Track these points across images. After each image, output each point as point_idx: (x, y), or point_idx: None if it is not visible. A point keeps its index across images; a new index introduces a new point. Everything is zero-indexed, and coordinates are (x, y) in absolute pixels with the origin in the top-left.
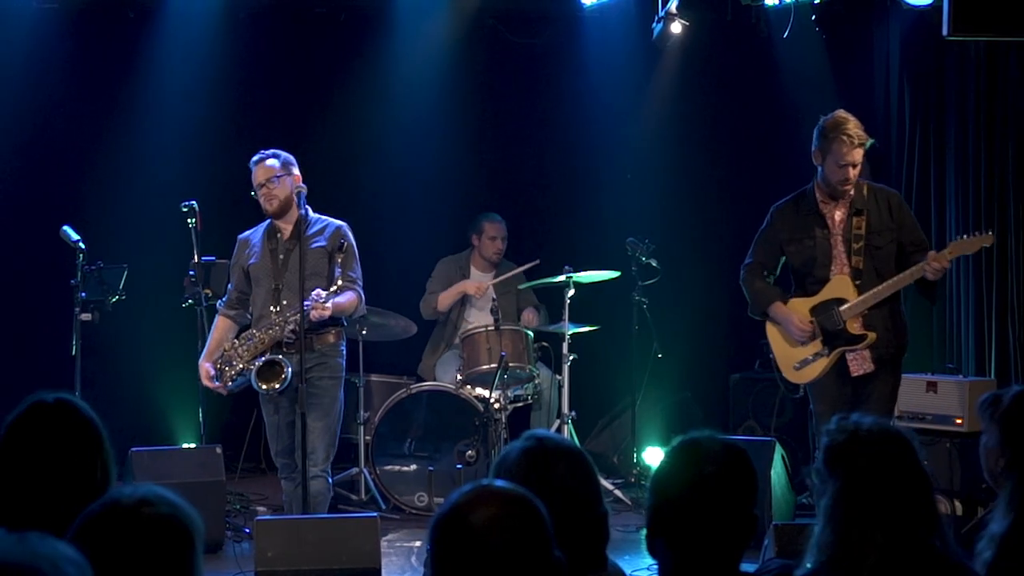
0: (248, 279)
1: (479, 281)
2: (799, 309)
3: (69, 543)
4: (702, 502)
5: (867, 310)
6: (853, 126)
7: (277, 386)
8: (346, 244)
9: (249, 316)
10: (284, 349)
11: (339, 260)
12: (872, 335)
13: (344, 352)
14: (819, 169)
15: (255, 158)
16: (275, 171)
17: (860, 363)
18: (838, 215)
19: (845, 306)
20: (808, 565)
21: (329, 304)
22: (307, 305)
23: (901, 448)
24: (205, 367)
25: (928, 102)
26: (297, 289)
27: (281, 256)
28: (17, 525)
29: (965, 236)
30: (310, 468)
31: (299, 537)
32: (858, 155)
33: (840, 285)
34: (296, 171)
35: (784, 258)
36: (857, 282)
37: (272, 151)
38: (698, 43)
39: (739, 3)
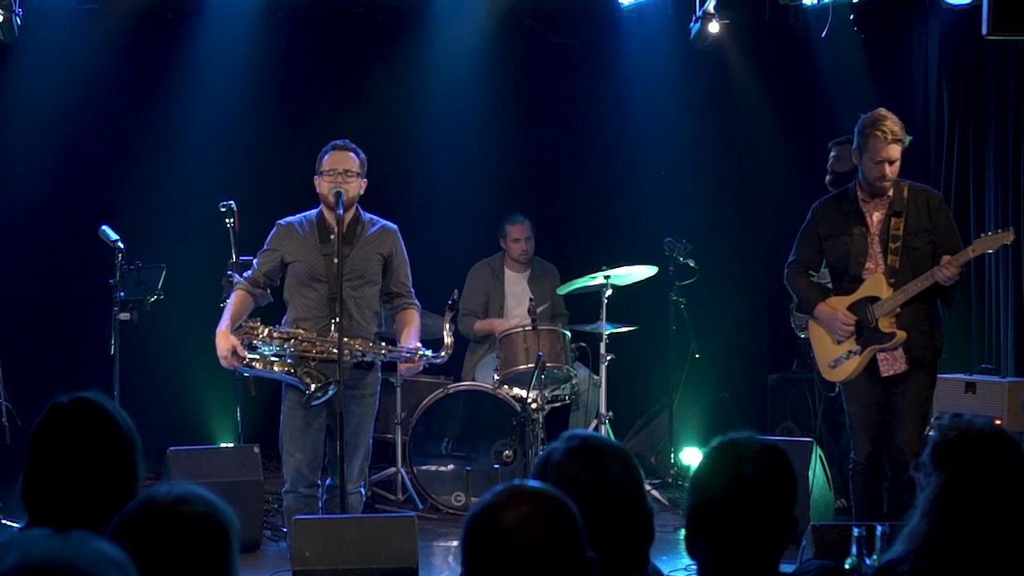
0: (283, 268)
1: (504, 321)
2: (838, 307)
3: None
4: (741, 503)
5: (900, 310)
6: (890, 123)
7: (319, 396)
8: (401, 252)
9: (271, 299)
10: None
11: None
12: (902, 334)
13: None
14: (859, 167)
15: (338, 142)
16: (355, 166)
17: (891, 363)
18: (877, 215)
19: (876, 304)
20: (896, 550)
21: (422, 363)
22: (400, 355)
23: (1009, 449)
24: (232, 340)
25: (967, 101)
26: (360, 318)
27: (336, 260)
28: (55, 527)
29: (988, 233)
30: (348, 485)
31: (337, 537)
32: (894, 151)
33: (875, 284)
34: (364, 179)
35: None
36: (891, 281)
37: (355, 146)
38: (736, 42)
39: (777, 2)
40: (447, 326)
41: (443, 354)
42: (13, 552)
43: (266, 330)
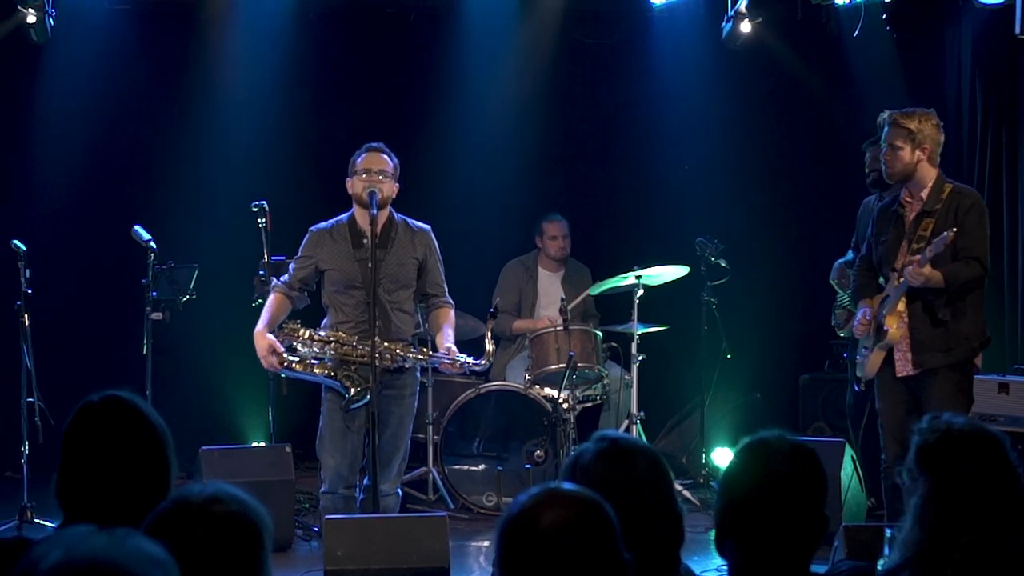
0: (318, 275)
1: (537, 320)
2: (873, 304)
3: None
4: (772, 503)
5: (905, 310)
6: (894, 114)
7: (358, 399)
8: (435, 254)
9: (308, 301)
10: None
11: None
12: (894, 334)
13: None
14: None
15: (372, 144)
16: (388, 168)
17: (903, 364)
18: (912, 215)
19: (883, 303)
20: (881, 564)
21: (463, 368)
22: (441, 361)
23: (993, 448)
24: (270, 340)
25: (1000, 101)
26: (397, 321)
27: (370, 265)
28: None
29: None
30: (384, 486)
31: (368, 536)
32: (892, 135)
33: (894, 283)
34: (397, 183)
35: None
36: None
37: (388, 149)
38: (768, 42)
39: (809, 2)
40: (489, 335)
41: (483, 361)
42: (58, 549)
43: (307, 332)
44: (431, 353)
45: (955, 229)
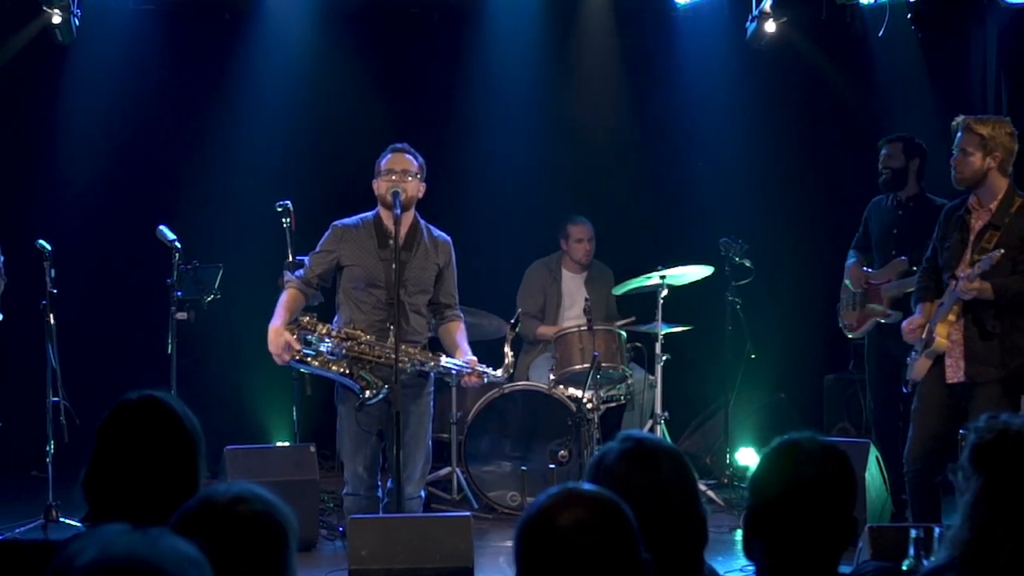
0: (335, 270)
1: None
2: (930, 309)
3: None
4: (801, 504)
5: (957, 320)
6: (968, 119)
7: (372, 398)
8: (452, 264)
9: (321, 298)
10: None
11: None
12: (941, 342)
13: None
14: None
15: (396, 145)
16: (413, 168)
17: (954, 371)
18: (979, 224)
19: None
20: (940, 557)
21: (483, 378)
22: (461, 370)
23: None
24: (286, 336)
25: None
26: (416, 324)
27: (394, 266)
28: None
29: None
30: (408, 488)
31: (393, 536)
32: (964, 140)
33: (951, 291)
34: (423, 183)
35: None
36: None
37: (413, 149)
38: (792, 42)
39: (834, 2)
40: (507, 345)
41: (500, 372)
42: (92, 547)
43: (325, 328)
44: (451, 360)
45: (1002, 251)
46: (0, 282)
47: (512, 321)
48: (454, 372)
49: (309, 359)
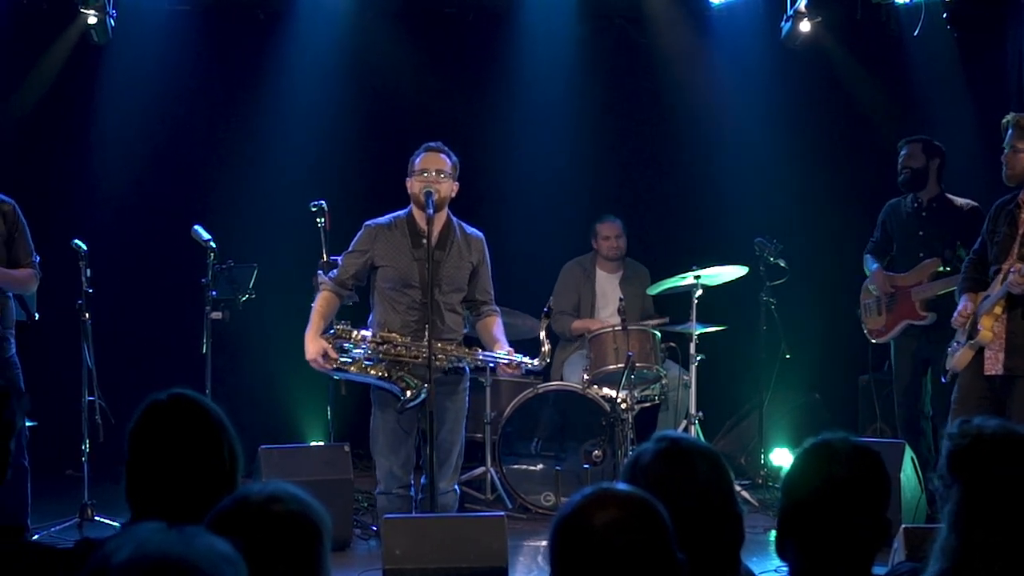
0: (368, 270)
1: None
2: (975, 299)
3: None
4: (833, 505)
5: (1003, 312)
6: (1019, 116)
7: (413, 400)
8: (486, 261)
9: (356, 298)
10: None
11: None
12: (986, 335)
13: None
14: None
15: (431, 144)
16: (447, 167)
17: (993, 363)
18: None
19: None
20: (932, 570)
21: (521, 369)
22: (498, 361)
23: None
24: (322, 343)
25: None
26: (451, 323)
27: (428, 266)
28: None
29: None
30: (442, 484)
31: (427, 536)
32: (1015, 136)
33: (997, 283)
34: (456, 182)
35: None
36: None
37: (447, 148)
38: (827, 42)
39: (869, 1)
40: (543, 334)
41: (538, 362)
42: (128, 545)
43: (359, 334)
44: (488, 353)
45: None
46: (34, 281)
47: (545, 310)
48: (491, 365)
49: (349, 366)
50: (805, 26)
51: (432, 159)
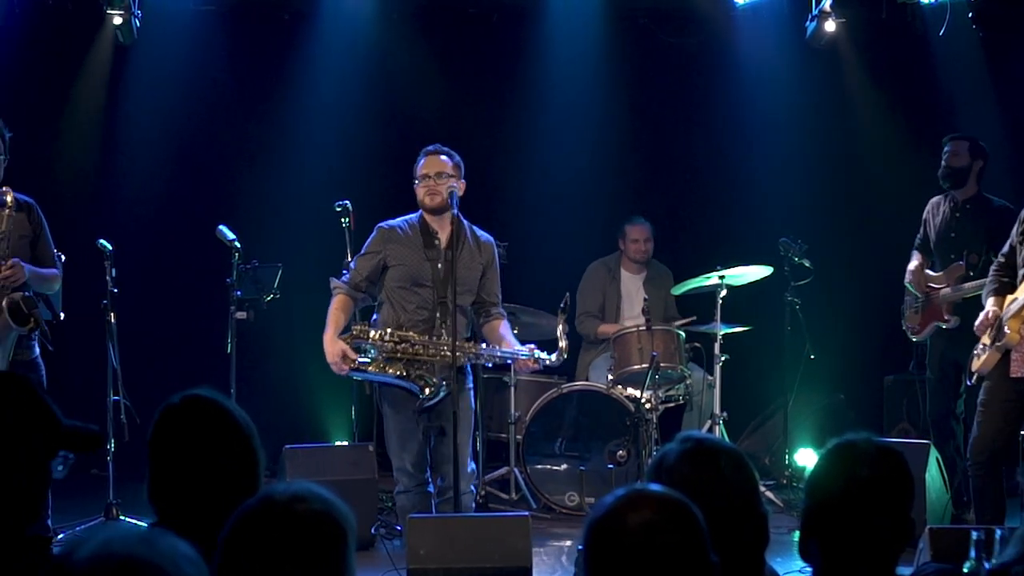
0: (380, 271)
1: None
2: (1000, 303)
3: (223, 540)
4: (857, 505)
5: None
6: None
7: (432, 399)
8: (495, 264)
9: (371, 301)
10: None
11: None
12: (1013, 336)
13: None
14: None
15: (429, 148)
16: (447, 168)
17: (1019, 365)
18: None
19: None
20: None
21: (539, 364)
22: (516, 355)
23: None
24: (341, 347)
25: None
26: (461, 322)
27: (440, 265)
28: (179, 526)
29: None
30: (461, 484)
31: (451, 535)
32: None
33: None
34: (463, 180)
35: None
36: None
37: (447, 149)
38: (852, 41)
39: (894, 1)
40: (560, 329)
41: (555, 357)
42: (91, 544)
43: (376, 333)
44: (508, 349)
45: None
46: (59, 280)
47: (561, 306)
48: (509, 360)
49: (365, 366)
50: (830, 26)
51: (431, 163)
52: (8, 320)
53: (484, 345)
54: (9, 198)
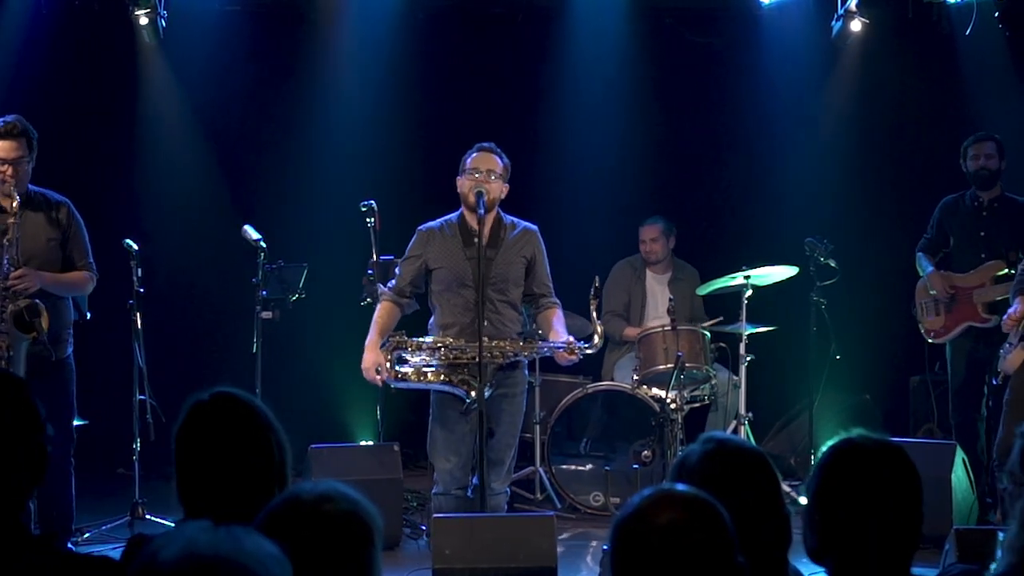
0: (427, 275)
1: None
2: None
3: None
4: (866, 507)
5: None
6: None
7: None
8: (542, 254)
9: (416, 306)
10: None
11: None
12: None
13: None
14: None
15: (484, 144)
16: (498, 168)
17: None
18: None
19: None
20: (994, 567)
21: (579, 354)
22: (555, 349)
23: None
24: (378, 357)
25: None
26: (507, 320)
27: (480, 262)
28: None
29: None
30: (495, 484)
31: (476, 535)
32: None
33: None
34: (507, 184)
35: None
36: None
37: (500, 149)
38: (878, 41)
39: (920, 1)
40: (594, 313)
41: (596, 342)
42: (177, 544)
43: (414, 342)
44: (545, 343)
45: None
46: (90, 283)
47: (592, 291)
48: (548, 353)
49: (406, 376)
50: (856, 25)
51: (484, 159)
52: (12, 328)
53: (522, 343)
54: (14, 204)
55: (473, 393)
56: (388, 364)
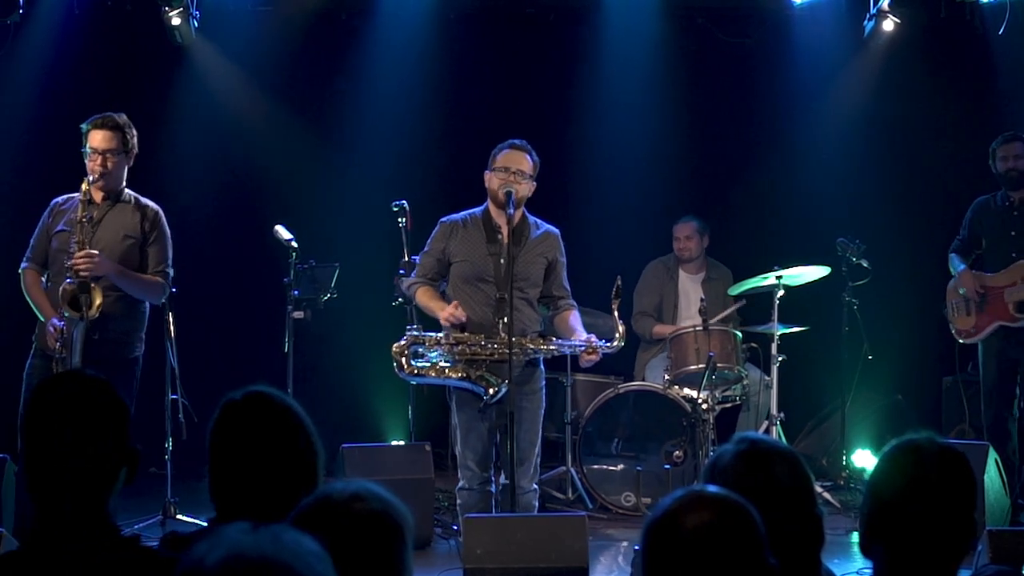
0: (445, 267)
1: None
2: None
3: None
4: (920, 506)
5: None
6: None
7: (495, 397)
8: (562, 257)
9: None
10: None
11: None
12: None
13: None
14: None
15: (515, 141)
16: (528, 167)
17: None
18: None
19: None
20: None
21: (599, 353)
22: (576, 348)
23: None
24: (448, 305)
25: None
26: (526, 318)
27: (503, 261)
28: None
29: None
30: (524, 483)
31: (508, 535)
32: None
33: None
34: (534, 182)
35: None
36: None
37: (531, 148)
38: (911, 41)
39: (953, 0)
40: (615, 313)
41: (616, 343)
42: (221, 547)
43: (432, 338)
44: (565, 341)
45: None
46: (161, 291)
47: (613, 290)
48: (568, 351)
49: (425, 371)
50: (888, 25)
51: (515, 157)
52: (66, 305)
53: (542, 340)
54: (100, 196)
55: (491, 390)
56: (405, 360)
